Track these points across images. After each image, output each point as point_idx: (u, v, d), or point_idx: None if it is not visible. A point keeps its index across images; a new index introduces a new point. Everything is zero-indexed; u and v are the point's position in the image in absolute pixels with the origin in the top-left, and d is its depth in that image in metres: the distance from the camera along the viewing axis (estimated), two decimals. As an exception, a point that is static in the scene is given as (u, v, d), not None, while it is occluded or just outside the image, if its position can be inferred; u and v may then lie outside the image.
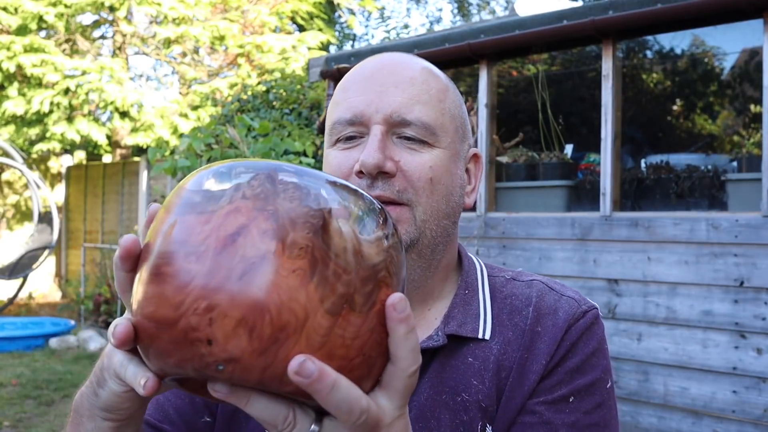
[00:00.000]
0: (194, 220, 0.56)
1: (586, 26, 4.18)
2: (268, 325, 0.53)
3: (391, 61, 0.94)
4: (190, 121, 10.49)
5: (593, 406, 0.91)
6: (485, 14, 18.45)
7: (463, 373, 0.92)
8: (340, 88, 0.95)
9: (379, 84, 0.91)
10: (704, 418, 3.82)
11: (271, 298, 0.53)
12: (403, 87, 0.91)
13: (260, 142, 4.77)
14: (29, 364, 6.81)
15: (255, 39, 10.98)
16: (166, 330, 0.55)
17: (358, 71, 0.95)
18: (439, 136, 0.91)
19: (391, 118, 0.90)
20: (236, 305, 0.53)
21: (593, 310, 0.97)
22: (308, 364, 0.53)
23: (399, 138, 0.90)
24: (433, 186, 0.90)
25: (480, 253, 4.65)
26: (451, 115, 0.94)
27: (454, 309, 0.96)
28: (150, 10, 10.44)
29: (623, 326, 4.11)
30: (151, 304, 0.56)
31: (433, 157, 0.91)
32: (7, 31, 10.57)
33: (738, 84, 6.01)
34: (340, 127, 0.92)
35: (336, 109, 0.93)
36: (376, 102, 0.90)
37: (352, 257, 0.57)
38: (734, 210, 3.92)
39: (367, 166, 0.87)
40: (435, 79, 0.94)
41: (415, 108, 0.90)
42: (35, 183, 9.64)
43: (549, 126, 5.01)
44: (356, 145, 0.91)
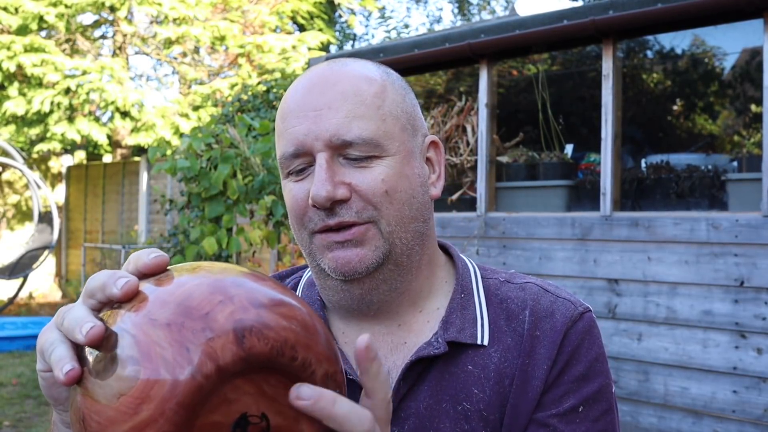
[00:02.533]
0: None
1: (586, 26, 4.18)
2: None
3: (321, 78, 0.91)
4: (191, 121, 10.49)
5: (601, 413, 0.91)
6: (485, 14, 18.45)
7: (463, 381, 0.91)
8: (279, 118, 0.93)
9: (312, 108, 0.89)
10: (704, 418, 3.81)
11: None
12: (336, 105, 0.88)
13: (260, 142, 4.77)
14: (29, 364, 6.81)
15: (255, 39, 10.98)
16: None
17: (292, 97, 0.92)
18: (384, 146, 0.89)
19: (331, 142, 0.87)
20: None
21: (589, 312, 0.97)
22: (304, 388, 0.58)
23: (346, 159, 0.89)
24: (390, 197, 0.89)
25: (480, 253, 4.65)
26: (394, 116, 0.91)
27: (452, 314, 0.95)
28: (150, 10, 10.45)
29: (623, 326, 4.10)
30: None
31: (384, 168, 0.89)
32: (8, 31, 10.57)
33: (738, 84, 6.01)
34: (286, 162, 0.90)
35: (280, 142, 0.92)
36: (314, 129, 0.88)
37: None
38: (734, 210, 3.91)
39: (319, 200, 0.86)
40: (367, 84, 0.91)
41: (353, 125, 0.88)
42: (35, 183, 9.64)
43: (549, 126, 5.01)
44: (307, 175, 0.90)
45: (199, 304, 0.56)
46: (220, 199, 4.71)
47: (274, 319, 0.57)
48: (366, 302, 0.93)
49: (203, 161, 4.80)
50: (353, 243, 0.89)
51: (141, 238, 10.07)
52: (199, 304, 0.56)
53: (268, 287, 0.60)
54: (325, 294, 0.97)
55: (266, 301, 0.58)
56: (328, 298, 0.96)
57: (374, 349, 0.63)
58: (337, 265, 0.89)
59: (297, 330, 0.58)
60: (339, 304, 0.96)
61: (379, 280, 0.92)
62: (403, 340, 0.95)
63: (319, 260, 0.91)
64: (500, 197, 4.82)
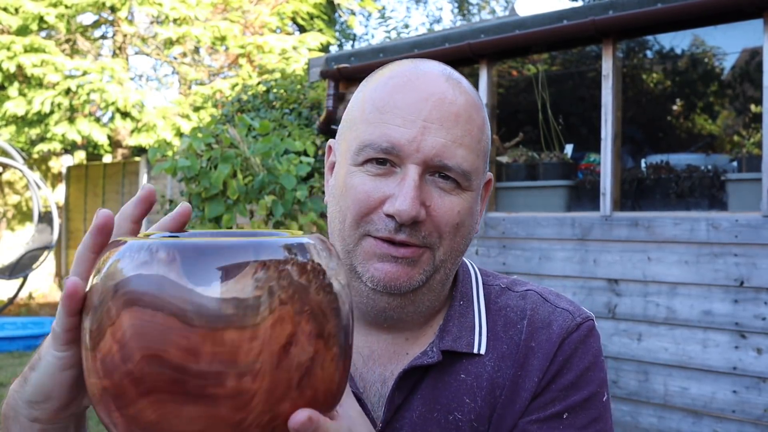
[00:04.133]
0: (237, 336, 0.53)
1: (586, 26, 4.18)
2: (323, 410, 0.59)
3: (438, 91, 0.88)
4: (191, 122, 10.49)
5: (589, 421, 0.90)
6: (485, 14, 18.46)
7: (455, 390, 0.90)
8: (373, 106, 0.89)
9: (422, 118, 0.86)
10: (704, 418, 3.81)
11: (323, 390, 0.58)
12: (447, 126, 0.86)
13: (260, 142, 4.77)
14: (29, 364, 6.81)
15: (256, 39, 10.99)
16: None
17: (399, 92, 0.88)
18: (471, 181, 0.89)
19: (431, 161, 0.86)
20: (296, 408, 0.56)
21: (588, 321, 0.95)
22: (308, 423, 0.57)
23: (433, 176, 0.87)
24: (457, 230, 0.88)
25: (480, 253, 4.65)
26: (485, 152, 0.91)
27: (450, 322, 0.94)
28: (151, 10, 10.45)
29: (623, 326, 4.10)
30: (197, 423, 0.54)
31: (462, 201, 0.88)
32: (8, 31, 10.57)
33: (738, 84, 6.01)
34: (371, 151, 0.87)
35: (369, 129, 0.88)
36: (419, 140, 0.85)
37: (347, 319, 0.61)
38: (734, 210, 3.91)
39: (403, 217, 0.84)
40: (477, 113, 0.90)
41: (457, 152, 0.86)
42: (36, 183, 9.65)
43: (549, 126, 5.01)
44: (387, 173, 0.87)
45: None
46: (220, 199, 4.71)
47: None
48: (386, 316, 0.92)
49: (203, 161, 4.80)
50: (407, 261, 0.87)
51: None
52: None
53: None
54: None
55: None
56: None
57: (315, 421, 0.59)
58: (383, 278, 0.87)
59: None
60: (357, 306, 0.93)
61: (410, 300, 0.91)
62: (406, 351, 0.94)
63: (359, 263, 0.89)
64: (500, 197, 4.82)
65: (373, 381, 0.93)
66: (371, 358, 0.94)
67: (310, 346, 0.55)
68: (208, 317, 0.52)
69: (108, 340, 0.55)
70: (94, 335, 0.56)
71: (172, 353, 0.52)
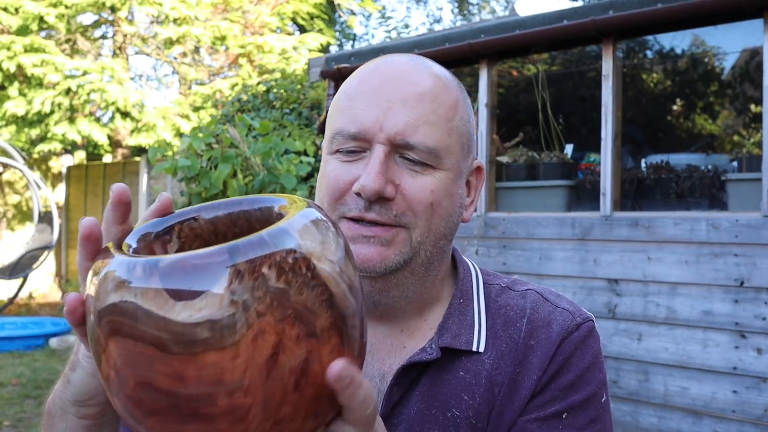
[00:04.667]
0: (218, 358, 0.51)
1: (586, 26, 4.18)
2: (326, 404, 0.58)
3: (401, 73, 0.90)
4: (191, 122, 10.49)
5: (588, 422, 0.90)
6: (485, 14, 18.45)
7: (454, 387, 0.91)
8: (344, 95, 0.92)
9: (386, 99, 0.87)
10: (704, 418, 3.81)
11: (326, 382, 0.56)
12: (410, 104, 0.87)
13: (260, 142, 4.77)
14: (29, 364, 6.81)
15: (256, 39, 10.99)
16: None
17: (366, 80, 0.91)
18: (443, 159, 0.89)
19: (395, 139, 0.87)
20: (300, 408, 0.55)
21: (588, 322, 0.95)
22: (344, 371, 0.56)
23: (402, 158, 0.88)
24: (432, 210, 0.88)
25: (480, 253, 4.65)
26: (459, 132, 0.91)
27: (449, 319, 0.94)
28: (151, 10, 10.45)
29: (623, 326, 4.11)
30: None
31: (435, 180, 0.88)
32: (8, 31, 10.57)
33: (738, 84, 6.01)
34: (341, 138, 0.89)
35: (339, 117, 0.90)
36: (382, 120, 0.87)
37: (352, 298, 0.58)
38: (734, 210, 3.92)
39: (367, 192, 0.85)
40: (446, 93, 0.90)
41: (420, 130, 0.87)
42: (36, 183, 9.65)
43: (549, 126, 5.02)
44: (357, 159, 0.89)
45: None
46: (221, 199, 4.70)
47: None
48: (373, 302, 0.92)
49: (203, 161, 4.80)
50: (380, 241, 0.87)
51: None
52: None
53: None
54: None
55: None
56: None
57: (345, 378, 0.59)
58: (358, 259, 0.87)
59: None
60: None
61: (392, 284, 0.91)
62: (403, 344, 0.94)
63: None
64: (500, 197, 4.82)
65: (371, 376, 0.93)
66: (370, 353, 0.94)
67: (300, 348, 0.54)
68: (185, 343, 0.51)
69: (105, 366, 0.55)
70: (95, 358, 0.57)
71: (161, 380, 0.52)
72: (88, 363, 0.65)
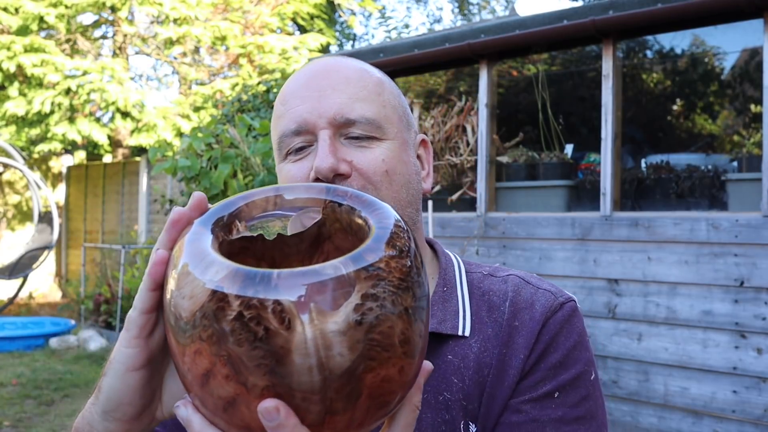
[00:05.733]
0: (176, 347, 0.57)
1: (586, 26, 4.19)
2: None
3: (324, 66, 0.95)
4: (192, 122, 10.50)
5: (579, 399, 0.91)
6: (485, 14, 18.46)
7: (443, 371, 0.92)
8: (279, 102, 0.95)
9: (316, 89, 0.91)
10: (704, 418, 3.81)
11: (256, 426, 0.55)
12: (340, 88, 0.91)
13: (260, 142, 4.77)
14: (29, 364, 6.81)
15: (256, 39, 10.99)
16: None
17: (293, 82, 0.95)
18: (385, 129, 0.92)
19: (335, 120, 0.90)
20: (232, 427, 0.57)
21: (570, 302, 0.96)
22: (272, 411, 0.54)
23: (347, 139, 0.90)
24: (390, 177, 0.91)
25: (480, 253, 4.65)
26: (392, 106, 0.95)
27: (434, 306, 0.95)
28: (151, 10, 10.45)
29: (623, 326, 4.11)
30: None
31: (384, 149, 0.91)
32: (8, 31, 10.57)
33: (738, 84, 6.01)
34: (287, 139, 0.92)
35: (280, 123, 0.93)
36: (318, 107, 0.90)
37: (318, 375, 0.53)
38: (734, 210, 3.92)
39: (323, 171, 0.87)
40: (369, 75, 0.95)
41: (356, 106, 0.90)
42: (36, 183, 9.65)
43: (549, 126, 5.02)
44: (307, 154, 0.91)
45: None
46: (221, 199, 4.70)
47: None
48: None
49: (203, 161, 4.80)
50: None
51: (141, 238, 10.07)
52: None
53: None
54: None
55: None
56: None
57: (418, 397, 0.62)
58: None
59: None
60: None
61: None
62: None
63: None
64: (500, 197, 4.82)
65: None
66: None
67: (228, 386, 0.54)
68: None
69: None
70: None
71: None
72: (123, 357, 0.64)
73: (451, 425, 0.90)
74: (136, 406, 0.67)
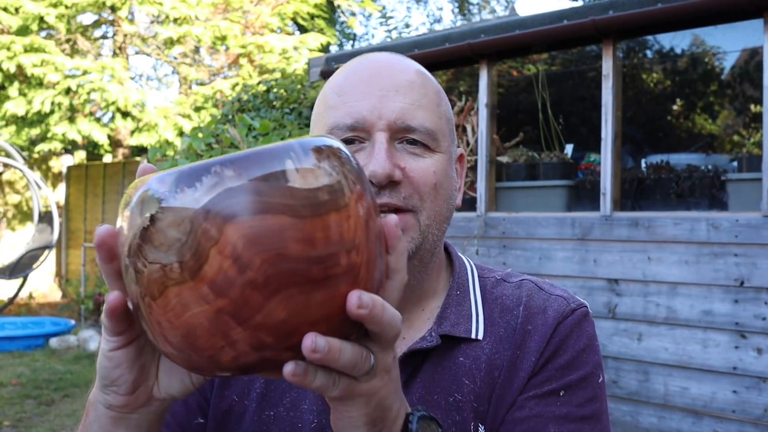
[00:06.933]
0: (338, 218, 0.58)
1: (586, 26, 4.18)
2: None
3: (387, 64, 0.93)
4: (192, 122, 10.50)
5: (585, 400, 0.92)
6: (485, 14, 18.46)
7: (454, 373, 0.92)
8: (333, 91, 0.94)
9: (378, 88, 0.90)
10: (704, 418, 3.81)
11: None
12: (403, 91, 0.90)
13: (260, 142, 4.77)
14: (29, 364, 6.81)
15: (257, 39, 10.99)
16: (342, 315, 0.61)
17: (353, 74, 0.93)
18: (439, 141, 0.92)
19: (395, 124, 0.89)
20: (376, 269, 0.63)
21: (582, 308, 0.97)
22: (364, 297, 0.59)
23: (401, 143, 0.90)
24: (437, 191, 0.91)
25: (480, 253, 4.65)
26: (447, 118, 0.95)
27: (447, 309, 0.96)
28: (152, 9, 10.45)
29: (623, 326, 4.11)
30: (325, 307, 0.58)
31: (435, 161, 0.91)
32: (8, 31, 10.57)
33: (738, 84, 6.01)
34: (339, 132, 0.90)
35: (332, 113, 0.92)
36: (378, 107, 0.89)
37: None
38: (734, 210, 3.92)
39: (378, 177, 0.86)
40: (430, 82, 0.94)
41: (417, 113, 0.90)
42: (36, 183, 9.65)
43: (549, 126, 5.02)
44: (357, 150, 0.90)
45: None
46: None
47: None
48: None
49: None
50: None
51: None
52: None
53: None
54: None
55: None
56: None
57: (399, 228, 0.66)
58: None
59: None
60: None
61: None
62: (402, 335, 0.96)
63: None
64: (500, 197, 4.82)
65: None
66: None
67: (377, 218, 0.62)
68: (313, 206, 0.57)
69: (215, 260, 0.56)
70: (189, 266, 0.57)
71: (292, 247, 0.56)
72: (105, 343, 0.67)
73: (462, 427, 0.90)
74: (127, 382, 0.69)
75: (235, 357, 0.59)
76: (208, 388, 0.96)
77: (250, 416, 0.94)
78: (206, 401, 0.96)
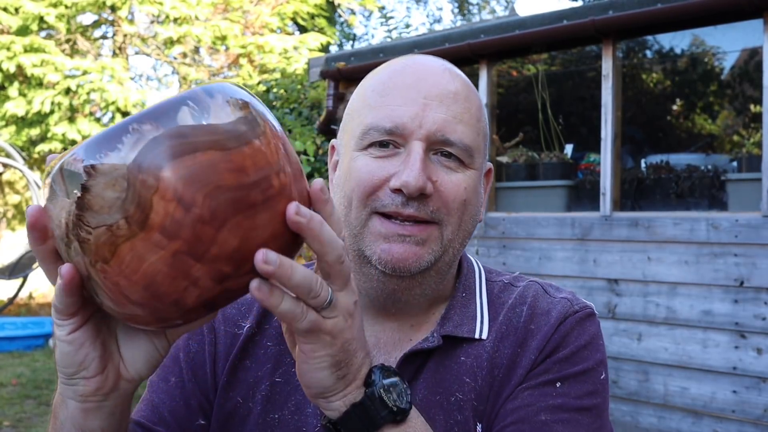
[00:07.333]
0: (260, 144, 0.62)
1: (586, 26, 4.18)
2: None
3: (433, 71, 0.92)
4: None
5: (584, 393, 0.91)
6: (485, 14, 18.46)
7: (456, 372, 0.92)
8: (373, 91, 0.92)
9: (422, 95, 0.89)
10: (704, 418, 3.82)
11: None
12: (447, 103, 0.89)
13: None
14: (29, 364, 6.81)
15: (257, 39, 10.99)
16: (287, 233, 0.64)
17: (398, 75, 0.92)
18: (474, 158, 0.91)
19: (434, 135, 0.88)
20: (303, 189, 0.67)
21: (586, 309, 0.97)
22: (302, 208, 0.63)
23: (436, 155, 0.89)
24: (465, 207, 0.90)
25: (480, 253, 4.66)
26: (484, 134, 0.94)
27: (451, 310, 0.96)
28: (152, 9, 10.45)
29: (623, 326, 4.11)
30: (270, 226, 0.62)
31: (467, 178, 0.90)
32: (8, 31, 10.57)
33: (738, 84, 6.01)
34: (376, 133, 0.89)
35: (372, 113, 0.90)
36: (420, 116, 0.88)
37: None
38: (734, 210, 3.92)
39: (410, 188, 0.86)
40: (474, 96, 0.93)
41: (458, 128, 0.89)
42: (36, 183, 9.65)
43: (549, 126, 5.02)
44: (391, 155, 0.89)
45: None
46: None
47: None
48: (394, 299, 0.93)
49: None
50: (415, 240, 0.88)
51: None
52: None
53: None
54: (355, 278, 0.92)
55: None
56: (358, 284, 0.91)
57: (326, 191, 0.68)
58: (391, 259, 0.88)
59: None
60: (366, 293, 0.94)
61: (416, 283, 0.92)
62: (409, 337, 0.96)
63: (367, 246, 0.90)
64: (500, 197, 4.82)
65: None
66: (377, 347, 0.95)
67: (286, 141, 0.66)
68: (236, 138, 0.61)
69: (160, 207, 0.58)
70: (135, 219, 0.58)
71: (227, 178, 0.59)
72: (59, 332, 0.66)
73: (464, 426, 0.90)
74: (94, 360, 0.68)
75: (200, 294, 0.61)
76: (212, 390, 0.96)
77: (255, 418, 0.94)
78: (209, 403, 0.96)
